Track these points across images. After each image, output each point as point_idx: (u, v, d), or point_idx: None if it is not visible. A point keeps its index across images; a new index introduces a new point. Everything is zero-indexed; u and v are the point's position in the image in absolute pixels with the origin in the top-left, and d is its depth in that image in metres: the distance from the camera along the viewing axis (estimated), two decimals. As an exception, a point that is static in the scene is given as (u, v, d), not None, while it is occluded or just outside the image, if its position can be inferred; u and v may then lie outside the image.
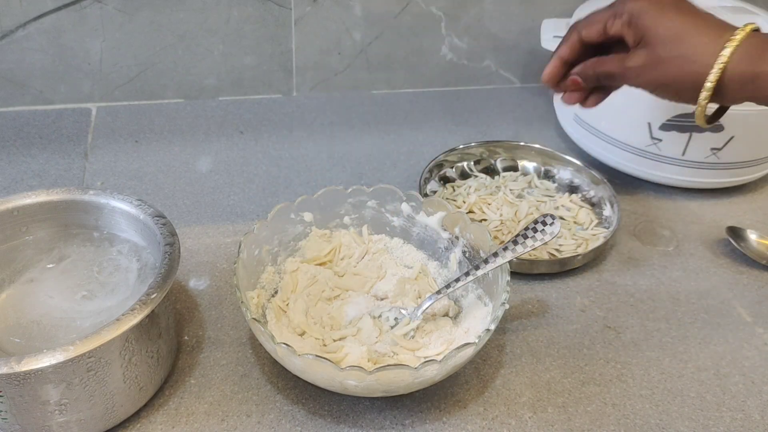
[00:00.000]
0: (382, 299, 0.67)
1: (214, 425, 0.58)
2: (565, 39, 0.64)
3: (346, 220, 0.71)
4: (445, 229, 0.69)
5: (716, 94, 0.57)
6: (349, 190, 0.69)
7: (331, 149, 0.90)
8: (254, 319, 0.56)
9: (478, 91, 1.03)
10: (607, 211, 0.79)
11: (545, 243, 0.63)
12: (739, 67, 0.56)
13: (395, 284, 0.67)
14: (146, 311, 0.53)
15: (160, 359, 0.58)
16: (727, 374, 0.65)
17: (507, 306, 0.59)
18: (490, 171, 0.85)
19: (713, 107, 0.62)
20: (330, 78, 0.99)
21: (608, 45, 0.63)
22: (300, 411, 0.60)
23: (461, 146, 0.85)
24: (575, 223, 0.78)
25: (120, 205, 0.63)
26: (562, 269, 0.74)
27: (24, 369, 0.48)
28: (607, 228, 0.77)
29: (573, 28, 0.64)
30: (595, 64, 0.63)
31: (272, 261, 0.67)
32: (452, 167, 0.85)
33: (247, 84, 0.97)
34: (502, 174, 0.85)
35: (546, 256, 0.74)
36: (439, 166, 0.84)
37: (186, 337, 0.65)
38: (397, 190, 0.70)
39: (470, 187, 0.82)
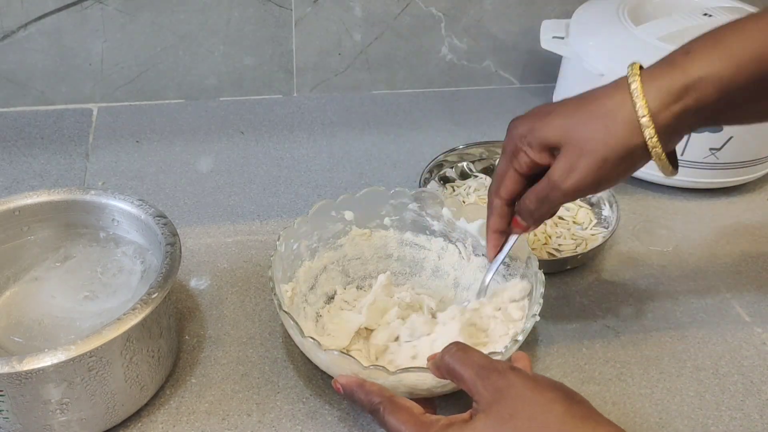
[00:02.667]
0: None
1: (214, 424, 0.58)
2: (490, 211, 0.60)
3: (387, 221, 0.71)
4: (484, 237, 0.69)
5: (662, 134, 0.51)
6: (392, 191, 0.70)
7: (331, 149, 0.90)
8: (285, 311, 0.57)
9: (478, 92, 1.03)
10: (606, 211, 0.79)
11: None
12: (661, 89, 0.50)
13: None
14: (147, 311, 0.53)
15: (161, 358, 0.58)
16: (726, 373, 0.65)
17: (538, 318, 0.59)
18: (490, 171, 0.85)
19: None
20: (330, 78, 0.99)
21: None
22: (300, 410, 0.60)
23: (461, 146, 0.85)
24: (574, 222, 0.78)
25: (121, 205, 0.63)
26: (561, 269, 0.74)
27: (25, 368, 0.49)
28: (606, 228, 0.77)
29: (491, 196, 0.59)
30: (525, 196, 0.57)
31: (310, 256, 0.68)
32: (452, 167, 0.85)
33: (248, 84, 0.98)
34: (502, 174, 0.85)
35: (545, 256, 0.74)
36: (439, 166, 0.84)
37: (187, 337, 0.65)
38: (438, 194, 0.70)
39: (470, 187, 0.82)
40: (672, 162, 0.54)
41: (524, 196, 0.57)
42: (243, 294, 0.70)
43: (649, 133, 0.51)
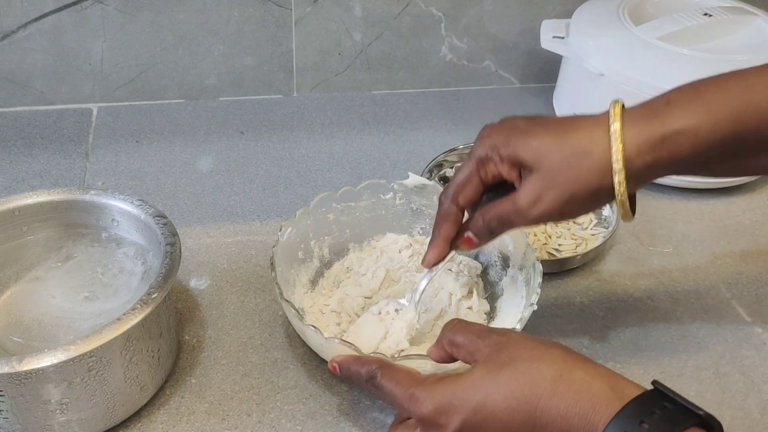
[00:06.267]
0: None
1: (214, 424, 0.58)
2: (442, 216, 0.57)
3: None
4: None
5: (630, 181, 0.50)
6: (392, 184, 0.71)
7: (331, 149, 0.90)
8: (286, 300, 0.58)
9: (478, 92, 1.03)
10: (606, 211, 0.79)
11: None
12: (639, 136, 0.49)
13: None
14: (147, 311, 0.53)
15: (160, 359, 0.58)
16: (727, 373, 0.65)
17: (535, 307, 0.59)
18: (490, 171, 0.85)
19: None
20: (330, 78, 0.99)
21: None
22: (300, 410, 0.60)
23: (461, 146, 0.85)
24: (574, 222, 0.78)
25: (121, 205, 0.63)
26: (561, 269, 0.74)
27: (25, 368, 0.49)
28: (607, 228, 0.77)
29: (446, 201, 0.56)
30: (484, 213, 0.55)
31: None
32: (452, 167, 0.85)
33: (248, 84, 0.98)
34: (502, 174, 0.85)
35: (545, 256, 0.74)
36: (439, 166, 0.84)
37: (187, 337, 0.65)
38: (439, 188, 0.70)
39: (470, 187, 0.82)
40: (632, 206, 0.53)
41: (484, 214, 0.55)
42: (243, 294, 0.70)
43: (619, 179, 0.50)
